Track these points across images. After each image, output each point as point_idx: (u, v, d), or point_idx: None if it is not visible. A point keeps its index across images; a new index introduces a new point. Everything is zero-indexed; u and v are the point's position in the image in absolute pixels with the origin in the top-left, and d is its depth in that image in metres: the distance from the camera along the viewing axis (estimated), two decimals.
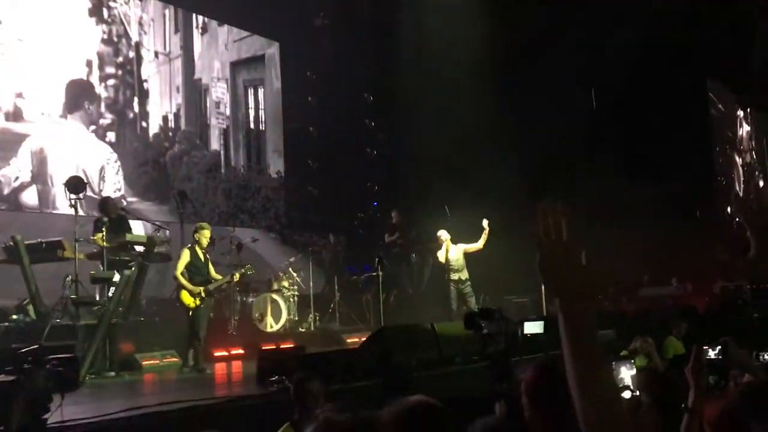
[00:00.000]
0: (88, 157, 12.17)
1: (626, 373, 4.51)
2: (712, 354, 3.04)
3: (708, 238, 16.45)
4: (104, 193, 11.79)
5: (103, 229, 8.66)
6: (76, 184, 8.57)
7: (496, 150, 13.49)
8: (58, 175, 11.38)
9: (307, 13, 15.79)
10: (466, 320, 3.61)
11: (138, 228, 10.92)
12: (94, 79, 12.68)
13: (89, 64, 12.60)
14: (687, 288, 14.86)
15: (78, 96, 12.23)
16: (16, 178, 11.22)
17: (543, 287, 11.02)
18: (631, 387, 4.42)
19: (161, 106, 13.92)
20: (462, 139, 14.07)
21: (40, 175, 11.47)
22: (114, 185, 12.51)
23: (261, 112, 16.00)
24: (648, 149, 15.77)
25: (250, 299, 11.34)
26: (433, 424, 2.19)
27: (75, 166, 11.71)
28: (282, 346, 9.32)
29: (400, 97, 15.20)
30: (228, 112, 15.19)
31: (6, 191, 11.03)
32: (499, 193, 13.65)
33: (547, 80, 14.65)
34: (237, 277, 9.59)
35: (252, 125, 15.81)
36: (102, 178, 12.37)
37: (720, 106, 22.07)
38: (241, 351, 9.90)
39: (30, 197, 11.37)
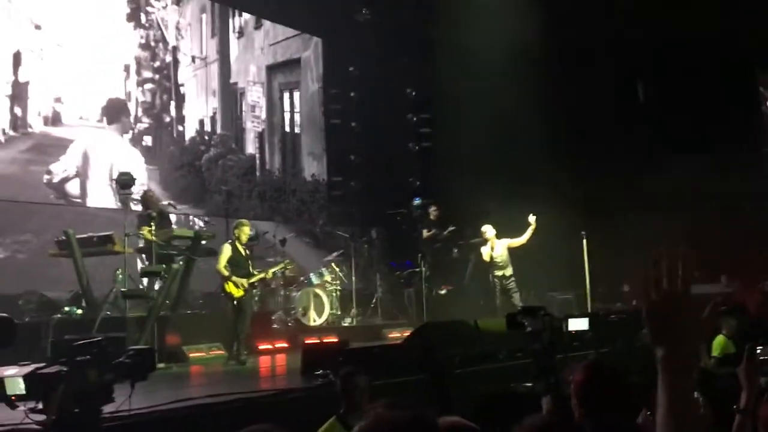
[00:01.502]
0: (123, 160, 12.43)
1: None
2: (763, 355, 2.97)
3: (758, 236, 16.01)
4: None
5: (152, 223, 8.87)
6: (126, 181, 8.77)
7: (541, 144, 13.34)
8: (98, 173, 11.77)
9: (349, 8, 15.82)
10: (508, 320, 3.58)
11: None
12: (132, 83, 12.92)
13: (127, 68, 12.88)
14: (737, 285, 14.50)
15: (116, 113, 12.52)
16: (64, 171, 11.60)
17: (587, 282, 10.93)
18: None
19: (197, 109, 14.14)
20: (506, 134, 13.95)
21: (83, 173, 11.83)
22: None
23: (296, 116, 16.10)
24: (700, 143, 15.41)
25: (294, 293, 11.45)
26: None
27: (111, 166, 12.04)
28: (326, 340, 9.42)
29: (443, 91, 15.12)
30: (264, 116, 15.31)
31: (55, 181, 11.44)
32: (545, 188, 13.50)
33: (592, 71, 14.44)
34: (275, 271, 9.75)
35: (287, 128, 15.91)
36: None
37: None
38: (285, 344, 10.02)
39: (74, 191, 11.73)
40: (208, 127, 14.32)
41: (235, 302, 8.79)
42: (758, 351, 2.94)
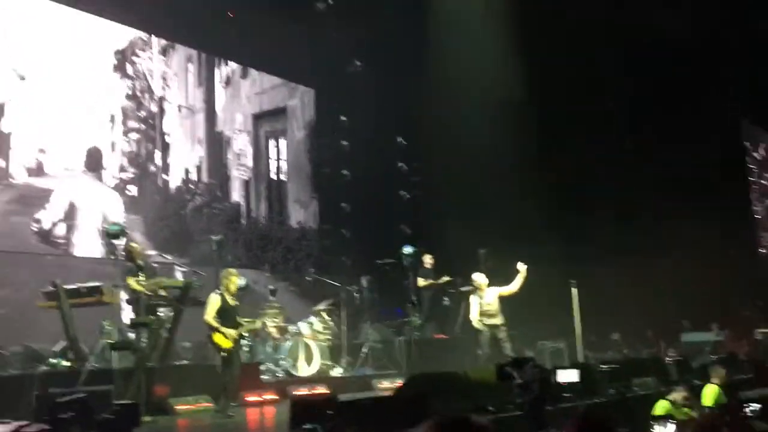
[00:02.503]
0: (107, 208, 12.49)
1: None
2: (748, 411, 2.96)
3: (748, 282, 16.11)
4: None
5: (139, 273, 8.84)
6: (116, 232, 8.76)
7: (531, 192, 13.48)
8: (85, 221, 11.81)
9: (341, 58, 16.09)
10: (498, 372, 3.58)
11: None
12: (117, 133, 12.99)
13: (112, 118, 12.93)
14: (727, 334, 14.51)
15: (96, 161, 12.56)
16: (51, 219, 11.63)
17: (577, 331, 10.92)
18: None
19: (182, 158, 14.17)
20: (496, 182, 14.09)
21: (70, 221, 11.84)
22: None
23: (282, 163, 16.19)
24: (687, 189, 15.59)
25: (283, 343, 11.33)
26: None
27: (98, 214, 12.08)
28: (315, 392, 9.30)
29: (433, 140, 15.31)
30: (250, 164, 15.39)
31: (46, 228, 11.50)
32: (534, 237, 13.58)
33: (581, 118, 14.68)
34: (264, 321, 9.67)
35: (273, 176, 15.97)
36: None
37: (757, 152, 21.84)
38: (274, 396, 9.87)
39: (61, 239, 11.72)
40: (193, 176, 14.35)
41: (223, 353, 8.68)
42: (748, 409, 2.95)
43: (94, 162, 12.48)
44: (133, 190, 13.14)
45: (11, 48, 11.40)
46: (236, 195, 15.09)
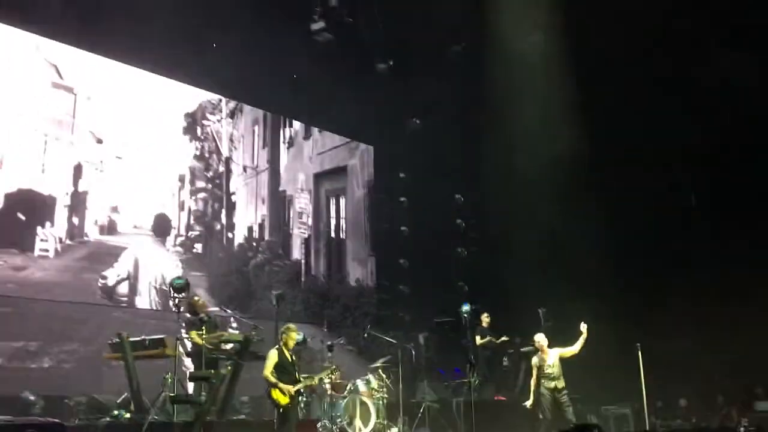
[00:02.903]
0: (168, 268, 12.85)
1: None
2: None
3: None
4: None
5: (203, 327, 8.99)
6: (180, 285, 8.96)
7: (593, 252, 13.23)
8: (146, 279, 12.26)
9: (400, 116, 16.36)
10: None
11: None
12: (185, 192, 13.46)
13: (182, 178, 13.43)
14: None
15: (164, 227, 13.01)
16: (117, 276, 12.02)
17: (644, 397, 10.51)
18: None
19: (246, 217, 14.56)
20: (557, 241, 13.90)
21: (134, 277, 12.24)
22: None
23: (342, 221, 16.42)
24: (757, 249, 14.99)
25: (340, 401, 11.24)
26: None
27: (159, 273, 12.52)
28: None
29: (492, 197, 15.28)
30: (310, 222, 15.66)
31: (110, 285, 11.89)
32: (595, 295, 13.26)
33: (640, 177, 14.41)
34: (322, 378, 9.63)
35: (333, 234, 16.21)
36: None
37: None
38: None
39: (124, 294, 12.09)
40: (256, 234, 14.68)
41: (281, 409, 8.67)
42: None
43: (161, 227, 12.92)
44: (198, 247, 13.52)
45: (90, 111, 12.03)
46: (296, 252, 15.33)
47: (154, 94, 12.96)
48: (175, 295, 8.97)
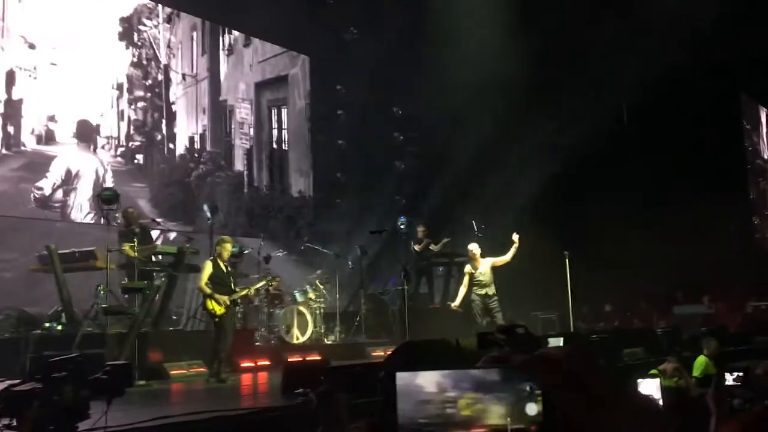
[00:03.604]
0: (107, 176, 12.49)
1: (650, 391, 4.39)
2: (730, 379, 2.99)
3: (739, 257, 16.19)
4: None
5: (134, 239, 8.85)
6: (109, 197, 8.75)
7: (525, 163, 13.45)
8: (81, 188, 11.80)
9: (336, 27, 15.95)
10: (479, 340, 3.47)
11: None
12: (124, 101, 12.94)
13: (120, 87, 12.89)
14: (718, 306, 14.63)
15: (88, 133, 12.46)
16: (51, 186, 11.62)
17: (570, 303, 11.00)
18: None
19: (187, 127, 14.17)
20: (491, 153, 14.05)
21: (67, 188, 11.82)
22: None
23: (284, 132, 16.18)
24: (681, 163, 15.56)
25: (277, 311, 11.40)
26: None
27: (92, 181, 12.09)
28: (308, 359, 9.37)
29: (429, 110, 15.23)
30: (252, 133, 15.38)
31: (47, 194, 11.53)
32: (528, 208, 13.60)
33: (577, 91, 14.57)
34: (258, 287, 9.70)
35: (275, 145, 15.99)
36: None
37: (751, 126, 21.83)
38: (267, 362, 9.96)
39: (58, 204, 11.72)
40: (197, 145, 14.36)
41: (216, 319, 8.72)
42: (727, 377, 2.97)
43: (86, 133, 12.43)
44: (139, 158, 13.17)
45: (20, 14, 11.33)
46: (239, 164, 15.12)
47: None
48: (105, 206, 8.77)
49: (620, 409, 1.54)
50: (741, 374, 3.02)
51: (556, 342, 6.35)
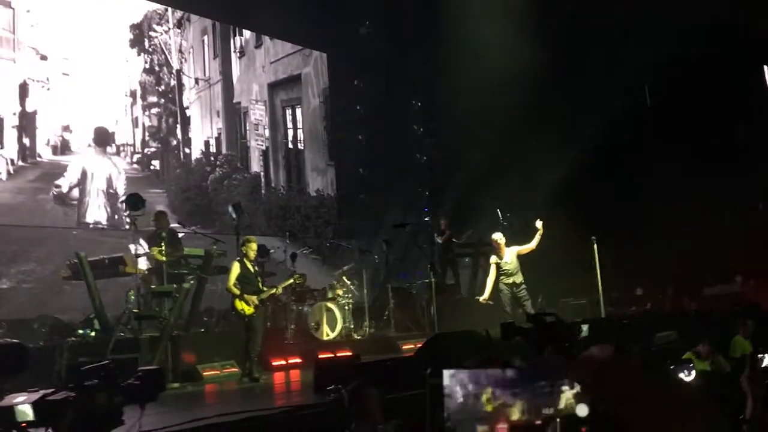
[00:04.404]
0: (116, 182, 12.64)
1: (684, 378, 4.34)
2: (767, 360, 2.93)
3: None
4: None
5: (162, 243, 8.95)
6: (134, 202, 8.84)
7: (549, 149, 13.32)
8: (95, 191, 12.08)
9: (353, 22, 15.92)
10: (502, 331, 3.43)
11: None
12: (138, 108, 13.05)
13: (133, 94, 13.01)
14: (750, 285, 14.35)
15: (104, 139, 12.62)
16: (69, 183, 11.85)
17: (600, 288, 10.88)
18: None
19: (202, 131, 14.27)
20: (514, 141, 13.93)
21: (82, 187, 12.03)
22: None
23: (299, 132, 16.20)
24: (708, 144, 15.28)
25: (306, 308, 11.45)
26: None
27: (106, 187, 12.31)
28: (338, 355, 9.40)
29: (448, 101, 15.14)
30: (267, 134, 15.41)
31: (65, 191, 11.74)
32: (552, 193, 13.46)
33: (597, 76, 14.37)
34: (285, 286, 9.76)
35: (290, 145, 16.02)
36: None
37: None
38: (298, 359, 10.01)
39: (73, 202, 11.92)
40: (213, 148, 14.45)
41: (246, 320, 8.79)
42: (761, 357, 2.92)
43: (101, 140, 12.59)
44: (156, 164, 13.31)
45: (31, 25, 11.49)
46: (255, 165, 15.18)
47: (96, 5, 12.39)
48: (131, 212, 8.86)
49: (664, 407, 1.52)
50: None
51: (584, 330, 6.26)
